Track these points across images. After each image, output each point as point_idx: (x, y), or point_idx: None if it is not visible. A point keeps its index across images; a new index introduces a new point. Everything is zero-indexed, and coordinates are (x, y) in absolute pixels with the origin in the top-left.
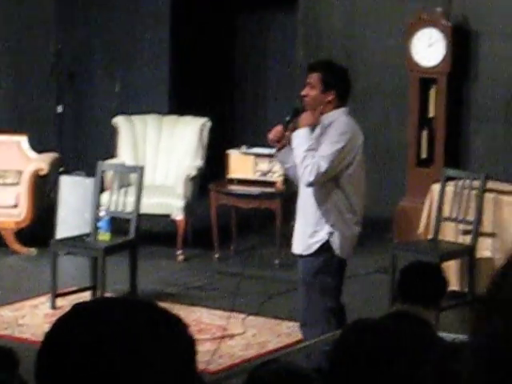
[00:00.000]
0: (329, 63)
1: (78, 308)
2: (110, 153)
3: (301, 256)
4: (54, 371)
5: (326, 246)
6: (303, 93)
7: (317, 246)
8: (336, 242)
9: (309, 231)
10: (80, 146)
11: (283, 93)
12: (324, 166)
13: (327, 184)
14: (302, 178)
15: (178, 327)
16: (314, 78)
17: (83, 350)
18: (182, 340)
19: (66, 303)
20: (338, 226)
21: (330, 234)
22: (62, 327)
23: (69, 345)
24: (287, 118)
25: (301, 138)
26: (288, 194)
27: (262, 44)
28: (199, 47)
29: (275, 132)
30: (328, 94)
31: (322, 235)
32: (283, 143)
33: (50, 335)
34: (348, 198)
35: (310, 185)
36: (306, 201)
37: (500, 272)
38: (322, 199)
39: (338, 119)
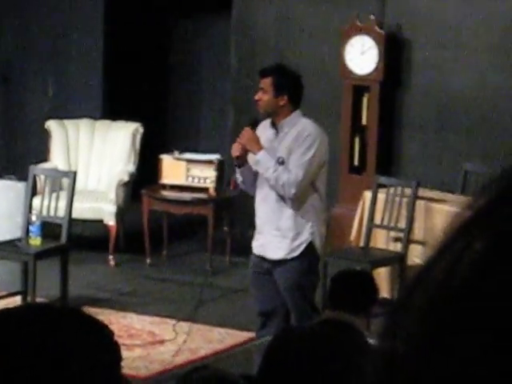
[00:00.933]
0: (280, 67)
1: (2, 314)
2: (43, 157)
3: (280, 261)
4: None
5: (310, 247)
6: (256, 97)
7: (302, 247)
8: (317, 241)
9: (290, 235)
10: (12, 149)
11: (217, 98)
12: (300, 174)
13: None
14: (284, 193)
15: (103, 334)
16: (266, 82)
17: (5, 356)
18: (106, 347)
19: None
20: (317, 225)
21: (312, 233)
22: None
23: None
24: (252, 126)
25: (265, 161)
26: (220, 199)
27: (196, 48)
28: (133, 51)
29: (249, 136)
30: (280, 98)
31: (306, 236)
32: (243, 161)
33: None
34: (321, 196)
35: (294, 195)
36: (274, 208)
37: (413, 278)
38: (300, 201)
39: (300, 122)
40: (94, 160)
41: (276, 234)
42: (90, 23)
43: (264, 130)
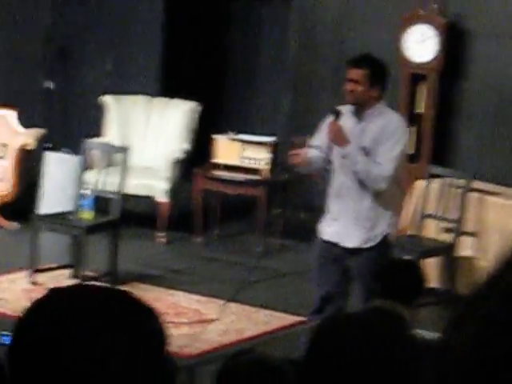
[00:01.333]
0: (373, 60)
1: (53, 293)
2: (97, 131)
3: (356, 249)
4: (25, 352)
5: (386, 237)
6: (349, 88)
7: (380, 237)
8: (393, 233)
9: (368, 225)
10: (68, 123)
11: (274, 82)
12: (391, 168)
13: None
14: (373, 186)
15: (150, 316)
16: (360, 74)
17: (55, 334)
18: (152, 329)
19: (45, 279)
20: (395, 216)
21: (389, 224)
22: (36, 311)
23: (41, 329)
24: (336, 117)
25: (354, 155)
26: (273, 181)
27: (255, 31)
28: (193, 31)
29: (336, 130)
30: (374, 89)
31: (384, 227)
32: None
33: (25, 317)
34: (401, 187)
35: (382, 189)
36: (354, 197)
37: (487, 278)
38: (382, 193)
39: (387, 114)
40: (150, 137)
41: (354, 223)
42: (151, 1)
43: (345, 119)
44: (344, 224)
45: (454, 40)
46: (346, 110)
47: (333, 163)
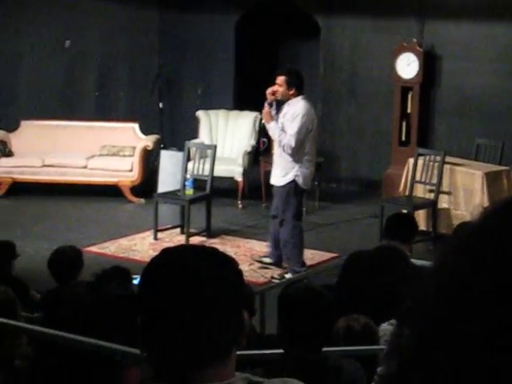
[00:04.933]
0: (291, 69)
1: (165, 252)
2: (194, 135)
3: (274, 185)
4: (149, 295)
5: (293, 181)
6: (275, 89)
7: (286, 181)
8: (300, 180)
9: (282, 172)
10: (174, 130)
11: (309, 95)
12: (293, 141)
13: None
14: (284, 150)
15: (233, 262)
16: (281, 79)
17: (169, 282)
18: (236, 270)
19: (163, 236)
20: (301, 169)
21: (296, 175)
22: (154, 266)
23: (157, 278)
24: (270, 105)
25: (273, 129)
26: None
27: (297, 59)
28: (255, 64)
29: (265, 113)
30: (290, 89)
31: (290, 176)
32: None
33: (147, 271)
34: (309, 151)
35: (290, 151)
36: (280, 153)
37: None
38: (291, 155)
39: (298, 104)
40: (228, 137)
41: (276, 170)
42: (225, 44)
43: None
44: (274, 170)
45: (429, 62)
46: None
47: None
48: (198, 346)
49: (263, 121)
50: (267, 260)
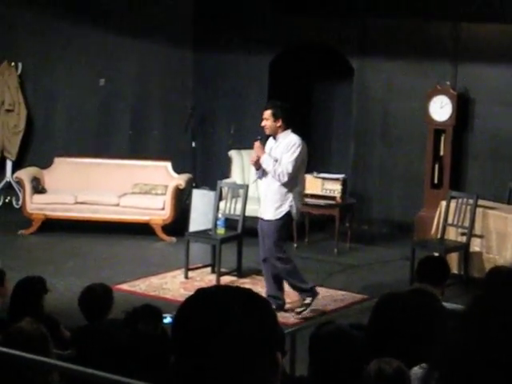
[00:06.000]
0: (275, 102)
1: (200, 292)
2: (226, 174)
3: (269, 220)
4: (183, 334)
5: (287, 213)
6: (262, 124)
7: (282, 213)
8: (293, 211)
9: (276, 205)
10: (206, 169)
11: (343, 137)
12: (290, 168)
13: None
14: (279, 179)
15: (266, 305)
16: (267, 113)
17: (203, 322)
18: (269, 311)
19: (194, 275)
20: (294, 201)
21: (290, 206)
22: (188, 306)
23: (192, 318)
24: (260, 140)
25: (267, 160)
26: (344, 205)
27: (330, 101)
28: (288, 102)
29: (257, 147)
30: (277, 121)
31: (286, 207)
32: (259, 165)
33: (181, 310)
34: (300, 182)
35: (285, 181)
36: (270, 186)
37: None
38: (284, 184)
39: (289, 136)
40: None
41: (267, 203)
42: (259, 84)
43: (270, 142)
44: (264, 203)
45: (462, 105)
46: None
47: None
48: None
49: (251, 161)
50: (307, 301)
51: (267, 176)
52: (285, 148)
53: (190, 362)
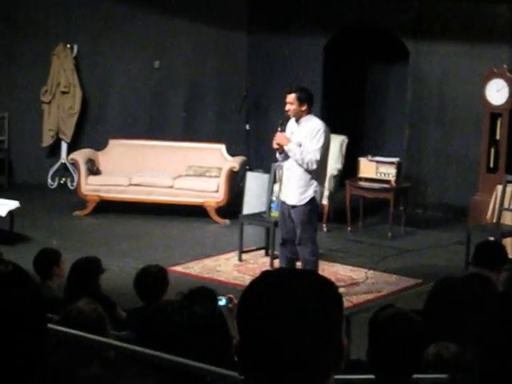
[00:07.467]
0: (299, 87)
1: (265, 274)
2: None
3: (294, 206)
4: (248, 317)
5: (312, 198)
6: (287, 108)
7: (307, 199)
8: (317, 196)
9: (300, 190)
10: (260, 152)
11: (397, 121)
12: (318, 155)
13: None
14: (307, 167)
15: (332, 287)
16: (291, 97)
17: (269, 304)
18: (337, 296)
19: (247, 257)
20: (319, 186)
21: (315, 191)
22: (254, 288)
23: (258, 300)
24: (281, 126)
25: (294, 149)
26: (398, 188)
27: (385, 85)
28: (342, 90)
29: (281, 137)
30: (302, 105)
31: (311, 193)
32: (282, 149)
33: (247, 292)
34: (324, 168)
35: (314, 168)
36: (295, 172)
37: None
38: (309, 171)
39: (312, 120)
40: None
41: (292, 189)
42: (313, 67)
43: (291, 124)
44: (289, 189)
45: None
46: (293, 119)
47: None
48: (298, 369)
49: (275, 144)
50: None
51: (289, 159)
52: (309, 133)
53: (256, 345)
